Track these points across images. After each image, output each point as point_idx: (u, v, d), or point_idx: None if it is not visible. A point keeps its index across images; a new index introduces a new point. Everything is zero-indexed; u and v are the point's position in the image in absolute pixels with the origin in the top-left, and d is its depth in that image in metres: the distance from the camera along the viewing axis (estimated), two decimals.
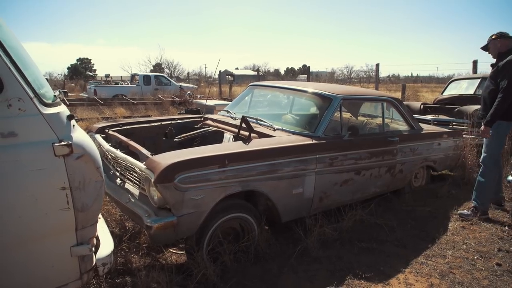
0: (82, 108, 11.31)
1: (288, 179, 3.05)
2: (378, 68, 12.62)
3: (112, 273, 2.67)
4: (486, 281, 2.82)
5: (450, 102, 7.39)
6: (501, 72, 3.66)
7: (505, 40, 3.73)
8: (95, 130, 3.72)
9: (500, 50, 3.76)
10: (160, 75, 19.69)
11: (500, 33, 3.77)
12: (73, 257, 1.77)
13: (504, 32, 3.78)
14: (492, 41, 3.80)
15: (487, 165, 3.88)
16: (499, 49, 3.76)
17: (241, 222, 2.93)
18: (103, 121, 4.42)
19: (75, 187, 1.68)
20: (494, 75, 3.75)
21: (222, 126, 3.82)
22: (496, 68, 3.74)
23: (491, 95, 3.77)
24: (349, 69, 56.40)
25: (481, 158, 3.96)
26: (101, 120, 8.52)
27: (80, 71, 51.22)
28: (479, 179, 3.96)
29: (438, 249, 3.29)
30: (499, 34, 3.77)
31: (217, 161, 2.63)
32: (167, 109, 12.08)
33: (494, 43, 3.79)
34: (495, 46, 3.79)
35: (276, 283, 2.72)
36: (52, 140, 1.62)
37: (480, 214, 3.90)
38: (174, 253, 3.11)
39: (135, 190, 2.83)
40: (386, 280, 2.80)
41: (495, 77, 3.74)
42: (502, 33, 3.77)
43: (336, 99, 3.60)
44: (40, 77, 1.83)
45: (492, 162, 3.87)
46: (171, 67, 44.23)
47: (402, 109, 4.34)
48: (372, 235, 3.48)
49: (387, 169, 3.98)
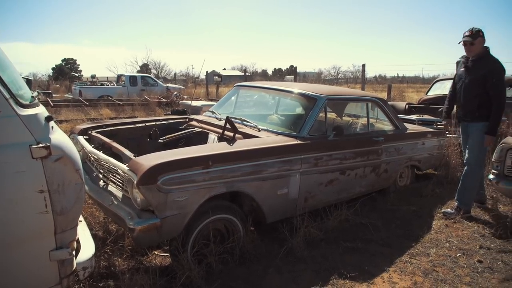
0: (67, 110, 11.16)
1: (273, 180, 3.05)
2: (364, 68, 12.70)
3: (94, 277, 2.64)
4: (468, 278, 2.85)
5: (435, 102, 7.48)
6: (491, 76, 3.66)
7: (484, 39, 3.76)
8: (78, 131, 3.66)
9: (481, 48, 3.75)
10: (147, 76, 19.55)
11: (481, 30, 3.73)
12: (52, 261, 1.73)
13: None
14: (480, 39, 3.71)
15: (472, 167, 3.92)
16: (481, 48, 3.74)
17: (226, 223, 2.91)
18: (88, 122, 4.36)
19: (53, 190, 1.64)
20: (482, 76, 3.70)
21: (207, 127, 3.80)
22: (484, 68, 3.70)
23: (475, 93, 3.78)
24: (336, 70, 56.94)
25: (466, 159, 3.98)
26: (87, 121, 8.42)
27: (65, 72, 50.48)
28: (463, 180, 3.99)
29: (422, 248, 3.32)
30: (482, 31, 3.72)
31: (201, 162, 2.61)
32: (154, 110, 11.99)
33: (480, 41, 3.72)
34: (481, 44, 3.74)
35: (261, 284, 2.71)
36: (29, 142, 1.58)
37: (463, 212, 3.95)
38: (159, 256, 3.08)
39: (118, 192, 2.79)
40: (371, 279, 2.81)
41: (482, 78, 3.70)
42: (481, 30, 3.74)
43: (320, 99, 3.61)
44: (18, 78, 1.80)
45: (477, 163, 3.91)
46: (158, 68, 43.97)
47: (386, 109, 4.37)
48: (357, 234, 3.50)
49: (372, 169, 4.00)
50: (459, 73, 4.07)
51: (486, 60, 3.75)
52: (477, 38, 3.70)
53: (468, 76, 3.87)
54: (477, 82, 3.76)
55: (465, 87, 3.91)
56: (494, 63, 3.72)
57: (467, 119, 3.95)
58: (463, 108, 3.98)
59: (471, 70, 3.83)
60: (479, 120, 3.82)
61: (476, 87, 3.78)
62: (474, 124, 3.87)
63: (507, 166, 3.31)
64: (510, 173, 3.29)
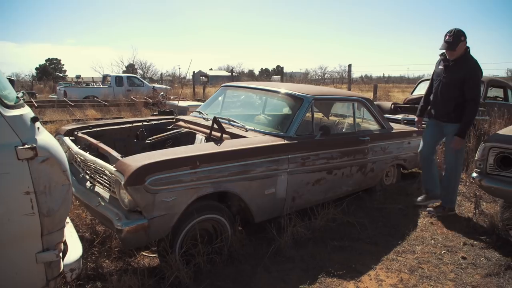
0: (52, 110, 10.98)
1: (261, 180, 3.06)
2: (350, 68, 12.80)
3: (82, 278, 2.62)
4: (452, 274, 2.91)
5: (420, 101, 7.57)
6: (470, 78, 3.66)
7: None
8: (64, 132, 3.62)
9: (462, 51, 3.73)
10: (133, 76, 19.36)
11: (463, 33, 3.68)
12: (38, 263, 1.71)
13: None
14: (462, 43, 3.67)
15: (454, 167, 3.97)
16: (463, 50, 3.72)
17: (214, 223, 2.92)
18: (73, 123, 4.31)
19: (40, 191, 1.63)
20: (461, 78, 3.69)
21: (194, 127, 3.79)
22: (463, 69, 3.69)
23: (452, 94, 3.79)
24: (323, 70, 57.26)
25: (447, 161, 4.02)
26: (72, 122, 8.31)
27: (49, 72, 49.81)
28: (446, 181, 4.04)
29: (408, 245, 3.37)
30: (463, 34, 3.67)
31: (188, 162, 2.61)
32: (140, 110, 11.90)
33: (461, 46, 3.68)
34: (462, 48, 3.69)
35: (249, 283, 2.72)
36: (15, 143, 1.57)
37: (447, 210, 4.03)
38: (147, 257, 3.07)
39: (105, 193, 2.77)
40: (358, 277, 2.85)
41: (461, 80, 3.69)
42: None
43: (307, 99, 3.64)
44: (1, 79, 1.77)
45: (458, 162, 3.96)
46: (144, 68, 43.71)
47: (372, 109, 4.42)
48: (344, 233, 3.53)
49: (358, 168, 4.05)
50: (437, 70, 4.02)
51: (466, 60, 3.73)
52: (458, 44, 3.65)
53: (446, 75, 3.83)
54: (456, 83, 3.75)
55: (442, 86, 3.88)
56: (474, 65, 3.71)
57: (443, 119, 3.95)
58: (440, 107, 3.96)
59: (450, 70, 3.80)
60: (455, 121, 3.82)
61: (454, 88, 3.77)
62: (451, 125, 3.87)
63: (489, 164, 3.38)
64: (492, 171, 3.36)
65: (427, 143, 4.16)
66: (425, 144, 4.19)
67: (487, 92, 7.42)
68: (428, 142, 4.16)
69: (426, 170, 4.24)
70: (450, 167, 3.99)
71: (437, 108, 4.03)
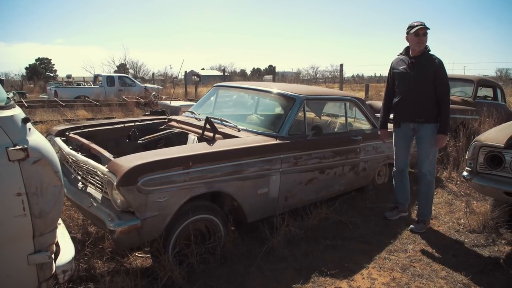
0: (42, 111, 10.89)
1: (253, 179, 3.07)
2: (342, 68, 12.86)
3: (74, 280, 2.60)
4: (444, 272, 2.94)
5: None
6: (440, 72, 3.48)
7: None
8: (55, 133, 3.59)
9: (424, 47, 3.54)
10: (124, 76, 19.26)
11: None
12: (30, 265, 1.70)
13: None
14: (426, 33, 3.47)
15: (431, 174, 3.69)
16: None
17: (207, 223, 2.92)
18: (64, 123, 4.28)
19: (31, 192, 1.62)
20: (433, 73, 3.48)
21: (186, 127, 3.79)
22: (433, 64, 3.49)
23: (427, 91, 3.53)
24: (315, 70, 57.42)
25: (424, 168, 3.66)
26: (63, 122, 8.24)
27: (40, 72, 49.26)
28: (424, 192, 3.72)
29: (400, 244, 3.40)
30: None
31: (181, 162, 2.61)
32: (132, 110, 11.84)
33: (426, 37, 3.49)
34: (426, 38, 3.51)
35: (243, 283, 2.73)
36: (5, 144, 1.55)
37: (427, 223, 3.76)
38: (139, 257, 3.06)
39: (98, 194, 2.76)
40: (351, 276, 2.86)
41: (433, 74, 3.48)
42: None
43: (299, 99, 3.65)
44: None
45: (433, 168, 3.72)
46: (135, 68, 43.43)
47: (364, 109, 4.45)
48: (337, 232, 3.55)
49: (350, 168, 4.07)
50: (398, 71, 3.66)
51: (429, 56, 3.55)
52: (427, 30, 3.46)
53: (415, 73, 3.53)
54: (427, 78, 3.50)
55: (412, 85, 3.56)
56: (438, 59, 3.52)
57: (420, 119, 3.57)
58: (413, 108, 3.59)
59: (418, 67, 3.52)
60: (432, 121, 3.54)
61: (427, 84, 3.51)
62: (428, 126, 3.56)
63: (479, 163, 3.41)
64: (483, 170, 3.40)
65: (403, 155, 3.84)
66: (400, 158, 3.86)
67: (477, 92, 7.49)
68: (403, 154, 3.84)
69: (400, 184, 3.93)
70: (427, 177, 3.67)
71: (408, 110, 3.63)
